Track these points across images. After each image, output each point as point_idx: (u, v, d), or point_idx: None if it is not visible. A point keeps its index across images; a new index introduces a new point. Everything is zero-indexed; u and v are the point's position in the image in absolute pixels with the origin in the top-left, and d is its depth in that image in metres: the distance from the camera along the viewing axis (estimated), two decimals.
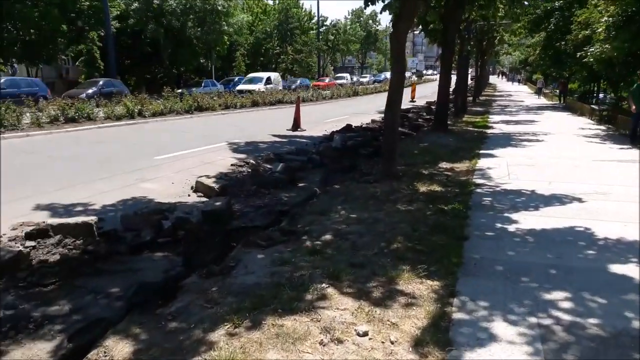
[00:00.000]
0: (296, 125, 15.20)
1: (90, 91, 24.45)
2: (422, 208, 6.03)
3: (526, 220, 5.60)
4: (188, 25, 32.32)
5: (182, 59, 39.40)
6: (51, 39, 28.93)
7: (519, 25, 30.47)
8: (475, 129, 16.20)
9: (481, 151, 11.09)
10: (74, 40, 29.67)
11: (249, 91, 28.27)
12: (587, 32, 17.83)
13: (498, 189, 7.22)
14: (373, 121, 18.25)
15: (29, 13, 26.29)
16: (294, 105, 29.13)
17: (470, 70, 55.71)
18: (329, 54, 70.48)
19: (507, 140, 13.36)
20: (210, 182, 6.99)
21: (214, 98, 22.16)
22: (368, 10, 78.53)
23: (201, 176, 7.79)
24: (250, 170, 8.10)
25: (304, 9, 61.11)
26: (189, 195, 6.93)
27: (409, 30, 7.32)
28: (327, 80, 54.24)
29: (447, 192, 6.88)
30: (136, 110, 16.41)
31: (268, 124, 16.65)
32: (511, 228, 5.33)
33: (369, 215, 5.70)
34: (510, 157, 10.20)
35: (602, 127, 16.93)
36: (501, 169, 8.87)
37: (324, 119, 19.76)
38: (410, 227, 5.26)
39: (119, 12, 30.88)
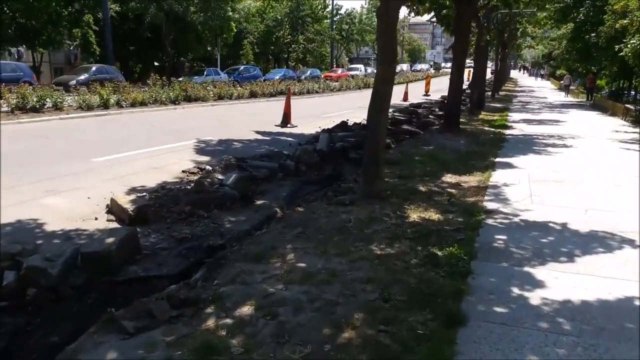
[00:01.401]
0: (286, 120, 13.38)
1: (81, 78, 23.02)
2: (406, 252, 4.21)
3: (557, 282, 3.74)
4: (190, 10, 30.49)
5: (186, 46, 37.75)
6: (49, 22, 27.51)
7: (544, 15, 28.12)
8: (492, 129, 14.22)
9: (497, 159, 9.17)
10: (73, 23, 28.10)
11: None
12: (625, 21, 15.66)
13: (516, 219, 5.34)
14: None
15: None
16: (300, 97, 27.54)
17: (489, 63, 53.27)
18: (342, 44, 68.20)
19: (528, 144, 11.40)
20: (126, 201, 5.23)
21: (208, 87, 20.44)
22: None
23: (132, 189, 6.07)
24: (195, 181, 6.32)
25: None
26: (95, 219, 5.19)
27: (402, 4, 5.48)
28: (339, 71, 52.26)
29: (446, 223, 5.04)
30: (112, 100, 14.69)
31: (257, 118, 14.88)
32: (534, 299, 3.47)
33: (325, 264, 3.91)
34: (532, 169, 8.28)
35: None
36: (521, 186, 6.97)
37: (323, 113, 17.91)
38: (380, 291, 3.46)
39: None
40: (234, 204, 5.66)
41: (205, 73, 32.03)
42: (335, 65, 60.26)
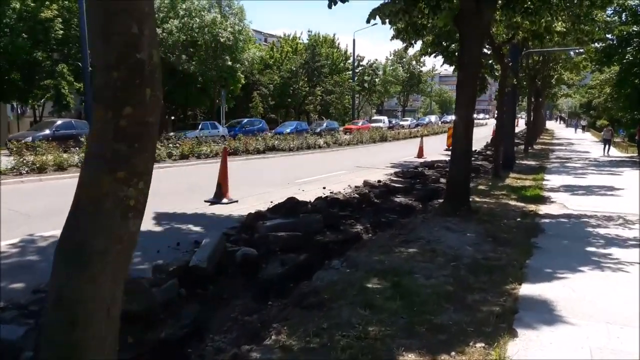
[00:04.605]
0: (221, 193, 9.46)
1: (42, 133, 20.24)
2: None
3: None
4: (182, 58, 27.79)
5: (189, 98, 35.24)
6: (28, 74, 25.25)
7: (582, 56, 24.09)
8: (521, 205, 9.92)
9: (523, 287, 4.88)
10: (49, 74, 25.75)
11: None
12: None
13: None
14: (366, 183, 12.35)
15: None
16: (293, 154, 23.41)
17: (522, 114, 48.87)
18: (364, 96, 65.27)
19: (578, 240, 7.04)
20: None
21: (171, 145, 17.01)
22: (411, 52, 72.97)
23: None
24: None
25: (338, 49, 56.64)
26: None
27: None
28: (360, 123, 49.07)
29: None
30: (5, 165, 11.18)
31: (197, 187, 11.07)
32: None
33: None
34: (598, 328, 3.97)
35: None
36: None
37: (299, 177, 14.04)
38: None
39: None
40: None
41: (200, 127, 29.09)
42: (357, 117, 57.15)
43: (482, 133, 38.03)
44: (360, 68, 61.17)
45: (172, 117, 41.02)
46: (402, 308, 4.21)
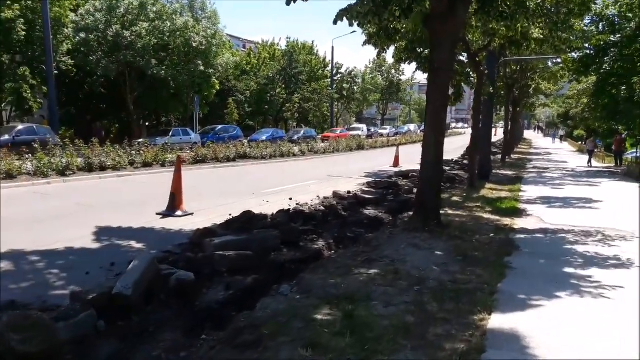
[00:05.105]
0: (174, 204, 8.70)
1: (1, 139, 19.14)
2: None
3: None
4: (152, 63, 26.86)
5: (161, 104, 34.25)
6: None
7: (560, 66, 24.01)
8: (496, 218, 9.41)
9: (493, 319, 4.30)
10: (10, 77, 24.59)
11: None
12: None
13: None
14: (335, 194, 11.72)
15: None
16: (265, 162, 22.55)
17: (500, 123, 49.05)
18: (343, 104, 64.92)
19: (555, 260, 6.49)
20: None
21: (134, 152, 16.18)
22: (390, 60, 73.01)
23: None
24: None
25: (316, 56, 56.24)
26: None
27: None
28: (338, 131, 48.55)
29: None
30: None
31: (150, 199, 10.29)
32: None
33: None
34: None
35: None
36: None
37: (270, 186, 13.36)
38: None
39: (70, 47, 25.80)
40: None
41: (171, 133, 28.12)
42: (336, 125, 56.70)
43: (460, 142, 37.94)
44: (339, 76, 60.85)
45: (147, 123, 40.04)
46: (352, 346, 3.58)
